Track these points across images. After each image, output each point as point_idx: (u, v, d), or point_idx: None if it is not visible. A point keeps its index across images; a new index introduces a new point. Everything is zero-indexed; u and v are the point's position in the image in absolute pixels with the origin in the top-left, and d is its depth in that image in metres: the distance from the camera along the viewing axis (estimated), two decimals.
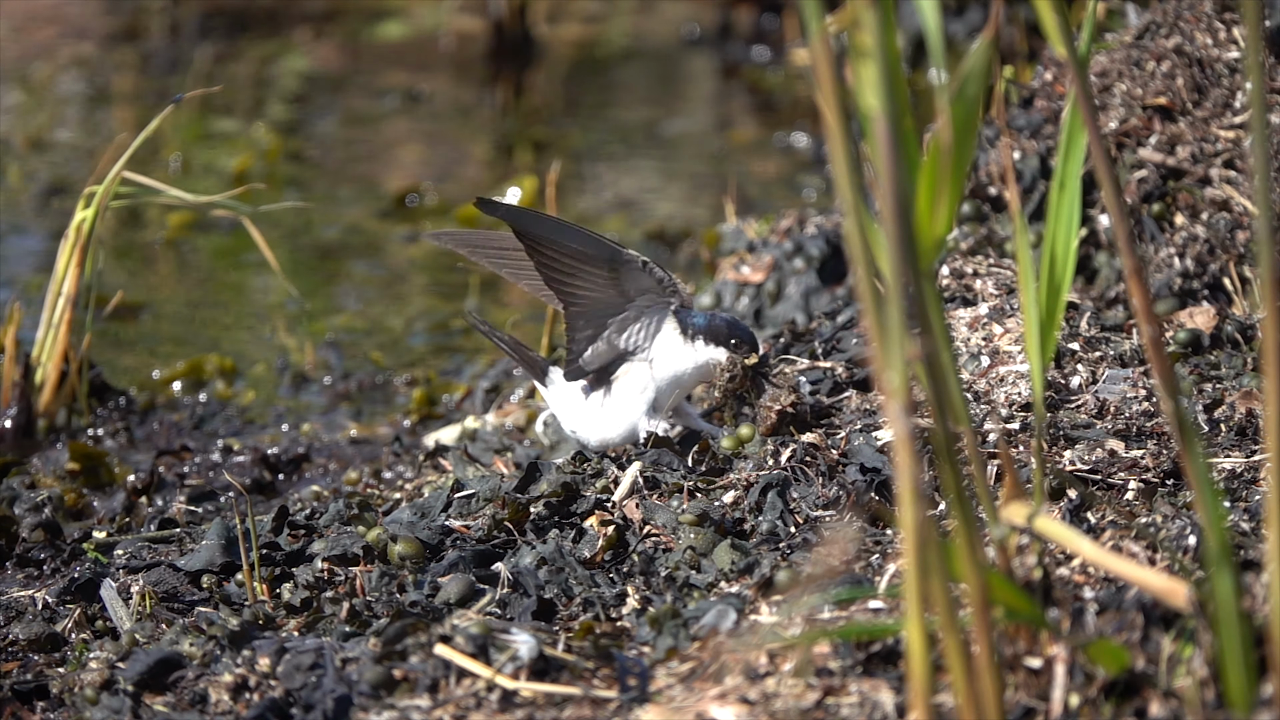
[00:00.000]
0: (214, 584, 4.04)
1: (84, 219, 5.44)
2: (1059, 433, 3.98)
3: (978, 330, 4.34)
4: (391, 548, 3.93)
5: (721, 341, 4.17)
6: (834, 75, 2.61)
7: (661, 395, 4.22)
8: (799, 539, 3.83)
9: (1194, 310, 4.62)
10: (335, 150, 8.59)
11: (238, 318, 6.63)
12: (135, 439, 5.61)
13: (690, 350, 4.18)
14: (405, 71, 9.81)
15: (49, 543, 4.55)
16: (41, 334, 5.53)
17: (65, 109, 9.05)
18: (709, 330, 4.17)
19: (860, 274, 2.67)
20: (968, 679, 2.75)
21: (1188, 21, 5.02)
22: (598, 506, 3.99)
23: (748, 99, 9.49)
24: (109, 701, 3.57)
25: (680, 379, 4.22)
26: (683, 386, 4.23)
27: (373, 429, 5.66)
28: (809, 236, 5.59)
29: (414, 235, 4.25)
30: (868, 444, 4.02)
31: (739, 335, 4.17)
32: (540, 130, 8.96)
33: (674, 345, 4.20)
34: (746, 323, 4.83)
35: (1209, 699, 2.93)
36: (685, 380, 4.22)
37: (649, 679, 3.35)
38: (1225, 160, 4.96)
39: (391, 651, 3.42)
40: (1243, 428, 4.06)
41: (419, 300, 6.82)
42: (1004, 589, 2.91)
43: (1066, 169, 3.10)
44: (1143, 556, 3.25)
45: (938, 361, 2.74)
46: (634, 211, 7.75)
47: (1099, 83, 5.03)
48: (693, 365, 4.19)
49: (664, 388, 4.22)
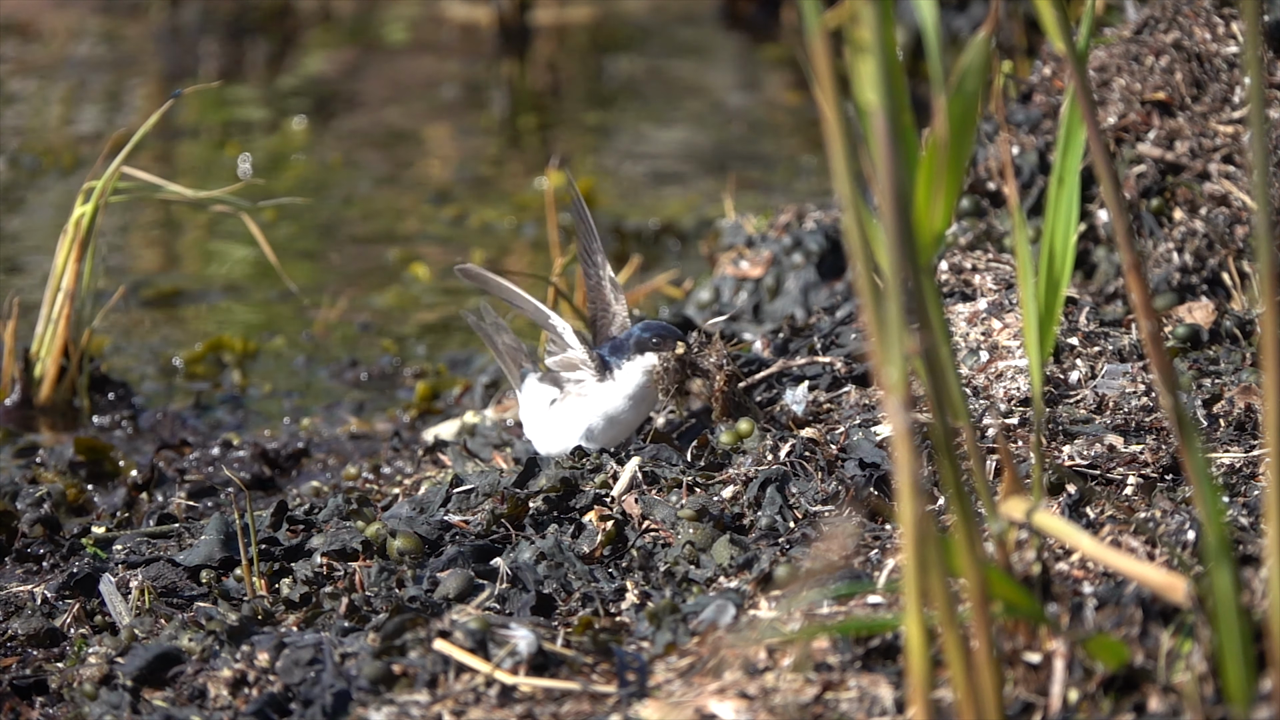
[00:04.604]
0: (213, 579, 4.04)
1: (83, 214, 5.44)
2: (1058, 428, 3.98)
3: (976, 325, 4.34)
4: (390, 543, 3.93)
5: (644, 350, 4.25)
6: (833, 71, 2.61)
7: (598, 429, 4.31)
8: (798, 534, 3.83)
9: (1193, 305, 4.62)
10: (366, 143, 8.60)
11: (263, 305, 6.66)
12: (140, 429, 5.62)
13: (614, 386, 4.27)
14: (417, 62, 9.81)
15: (48, 538, 4.55)
16: (41, 328, 5.53)
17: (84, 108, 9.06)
18: (625, 348, 4.27)
19: (859, 269, 2.67)
20: (967, 674, 2.75)
21: (1186, 16, 5.02)
22: (597, 501, 3.99)
23: (761, 77, 9.51)
24: (108, 696, 3.57)
25: (616, 417, 4.31)
26: (624, 421, 4.31)
27: (372, 424, 5.66)
28: (808, 231, 5.59)
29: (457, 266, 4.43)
30: (867, 439, 4.02)
31: (657, 334, 4.24)
32: (551, 116, 8.97)
33: (597, 390, 4.30)
34: (754, 312, 4.89)
35: (1208, 694, 2.93)
36: (624, 413, 4.30)
37: (648, 674, 3.35)
38: (1224, 155, 4.96)
39: (390, 647, 3.42)
40: (1241, 423, 4.06)
41: (440, 294, 6.85)
42: (1003, 584, 2.91)
43: (1065, 164, 3.10)
44: (1141, 551, 3.25)
45: (937, 356, 2.74)
46: (646, 198, 7.76)
47: (1098, 78, 5.02)
48: (623, 398, 4.28)
49: (599, 423, 4.31)
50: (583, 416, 4.30)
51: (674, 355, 4.22)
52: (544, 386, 4.34)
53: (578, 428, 4.31)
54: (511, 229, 7.49)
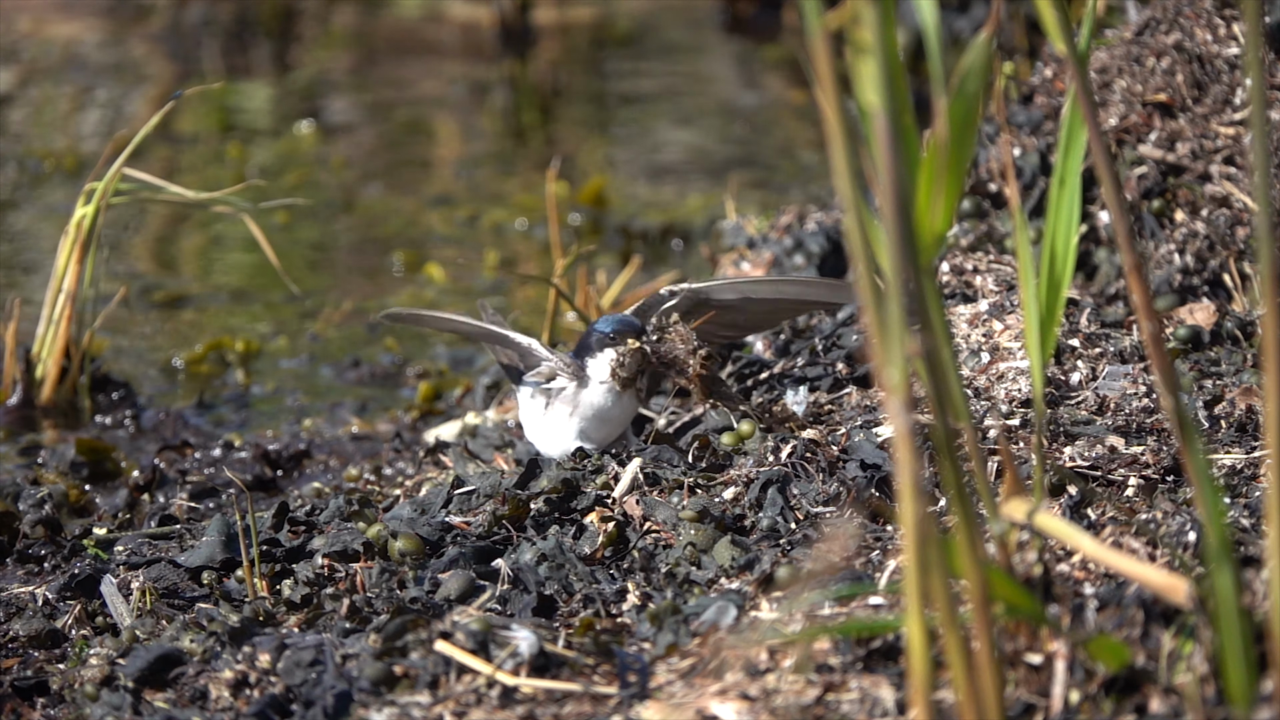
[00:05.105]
0: (214, 580, 4.05)
1: (84, 215, 5.44)
2: (1059, 429, 3.98)
3: (978, 326, 4.34)
4: (392, 544, 3.93)
5: (604, 346, 4.27)
6: (834, 72, 2.61)
7: (590, 429, 4.33)
8: (799, 535, 3.83)
9: (1194, 306, 4.62)
10: (376, 145, 8.60)
11: (271, 307, 6.67)
12: (142, 429, 5.62)
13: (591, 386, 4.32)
14: (418, 60, 9.82)
15: (50, 539, 4.55)
16: (42, 330, 5.54)
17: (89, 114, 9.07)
18: (589, 347, 4.31)
19: (860, 270, 2.67)
20: (968, 675, 2.75)
21: (1188, 18, 5.02)
22: (598, 503, 3.99)
23: (761, 76, 9.52)
24: (109, 698, 3.57)
25: (602, 415, 4.33)
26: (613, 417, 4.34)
27: (374, 425, 5.66)
28: (809, 233, 5.59)
29: (378, 318, 4.50)
30: (868, 440, 4.02)
31: (615, 328, 4.26)
32: (553, 117, 8.97)
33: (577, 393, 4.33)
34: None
35: (1209, 695, 2.93)
36: (608, 410, 4.33)
37: (649, 675, 3.35)
38: (1225, 156, 4.96)
39: (392, 648, 3.42)
40: (1243, 424, 4.06)
41: (449, 291, 6.86)
42: (1004, 585, 2.91)
43: (1066, 165, 3.10)
44: (1143, 553, 3.25)
45: (938, 358, 2.74)
46: (648, 197, 7.76)
47: (1099, 79, 5.02)
48: (601, 395, 4.33)
49: (589, 423, 4.33)
50: (572, 420, 4.32)
51: (629, 349, 4.24)
52: (538, 394, 4.36)
53: (571, 431, 4.33)
54: (523, 230, 7.50)
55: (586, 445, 4.30)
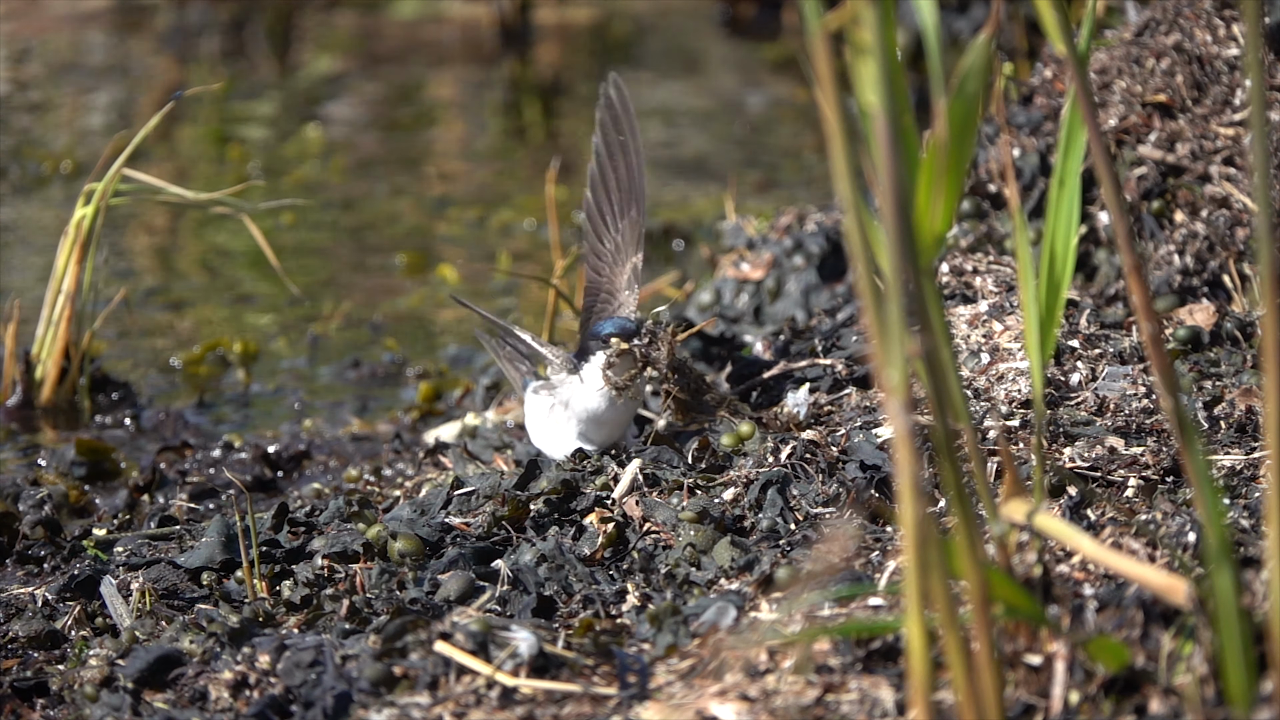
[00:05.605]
0: (214, 581, 4.04)
1: (83, 216, 5.44)
2: (1059, 430, 3.98)
3: (977, 327, 4.34)
4: (391, 545, 3.93)
5: (599, 349, 4.29)
6: (834, 72, 2.61)
7: (590, 431, 4.34)
8: (799, 536, 3.83)
9: (1194, 307, 4.62)
10: (377, 146, 8.60)
11: (275, 308, 6.67)
12: (142, 429, 5.62)
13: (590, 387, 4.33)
14: (417, 60, 9.82)
15: (49, 540, 4.55)
16: (42, 331, 5.54)
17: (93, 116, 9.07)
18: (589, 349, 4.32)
19: (860, 271, 2.67)
20: (968, 676, 2.75)
21: (1187, 18, 5.02)
22: (597, 504, 3.99)
23: (763, 75, 9.52)
24: (109, 699, 3.57)
25: (599, 417, 4.34)
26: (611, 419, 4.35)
27: (374, 425, 5.66)
28: (809, 233, 5.59)
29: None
30: (868, 441, 4.02)
31: (610, 331, 4.28)
32: (555, 117, 8.97)
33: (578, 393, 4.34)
34: (755, 315, 4.93)
35: (1209, 696, 2.93)
36: (605, 411, 4.33)
37: (649, 676, 3.35)
38: (1225, 157, 4.96)
39: (391, 649, 3.42)
40: (1242, 425, 4.06)
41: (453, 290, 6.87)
42: (1004, 586, 2.91)
43: (1066, 166, 3.10)
44: (1142, 553, 3.25)
45: (937, 358, 2.74)
46: (654, 194, 7.76)
47: (1098, 80, 5.02)
48: (597, 397, 4.33)
49: (588, 425, 4.34)
50: (573, 420, 4.33)
51: (616, 351, 4.25)
52: (542, 394, 4.37)
53: (571, 431, 4.34)
54: (532, 230, 7.50)
55: (587, 446, 4.30)
